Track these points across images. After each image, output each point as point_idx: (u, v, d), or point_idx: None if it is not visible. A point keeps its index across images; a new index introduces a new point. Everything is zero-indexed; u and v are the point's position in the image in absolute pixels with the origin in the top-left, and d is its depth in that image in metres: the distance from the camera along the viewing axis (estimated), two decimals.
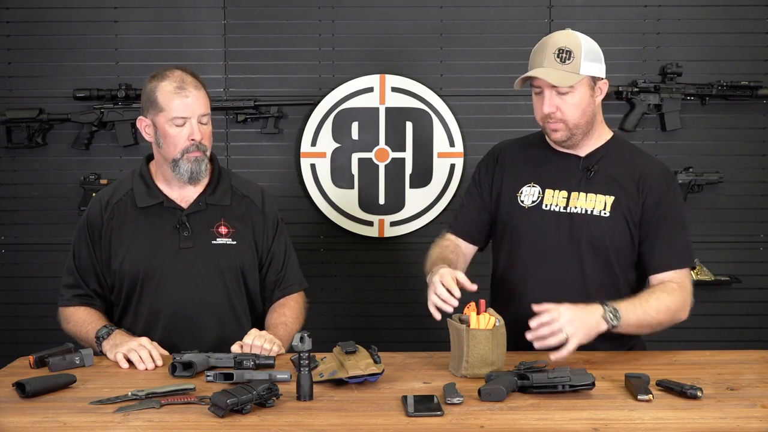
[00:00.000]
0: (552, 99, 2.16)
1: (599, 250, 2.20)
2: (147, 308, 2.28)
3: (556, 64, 2.14)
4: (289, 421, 1.68)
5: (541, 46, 2.19)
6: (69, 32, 3.44)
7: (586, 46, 2.17)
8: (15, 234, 3.50)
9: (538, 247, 2.24)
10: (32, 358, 2.05)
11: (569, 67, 2.14)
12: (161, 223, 2.30)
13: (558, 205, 2.23)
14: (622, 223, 2.20)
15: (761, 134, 3.49)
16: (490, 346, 1.93)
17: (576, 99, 2.16)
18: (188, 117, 2.22)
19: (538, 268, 2.23)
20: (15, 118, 3.39)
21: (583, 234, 2.20)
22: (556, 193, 2.24)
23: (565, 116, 2.17)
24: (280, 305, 2.37)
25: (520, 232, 2.26)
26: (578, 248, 2.20)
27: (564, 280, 2.20)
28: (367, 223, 3.51)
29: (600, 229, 2.19)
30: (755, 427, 1.65)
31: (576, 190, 2.23)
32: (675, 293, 2.16)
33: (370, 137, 3.47)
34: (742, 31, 3.45)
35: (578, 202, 2.22)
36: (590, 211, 2.21)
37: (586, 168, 2.24)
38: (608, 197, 2.20)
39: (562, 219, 2.22)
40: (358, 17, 3.47)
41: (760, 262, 3.52)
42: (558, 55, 2.14)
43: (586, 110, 2.19)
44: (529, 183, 2.28)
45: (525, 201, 2.27)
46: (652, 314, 2.11)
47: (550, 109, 2.17)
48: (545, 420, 1.68)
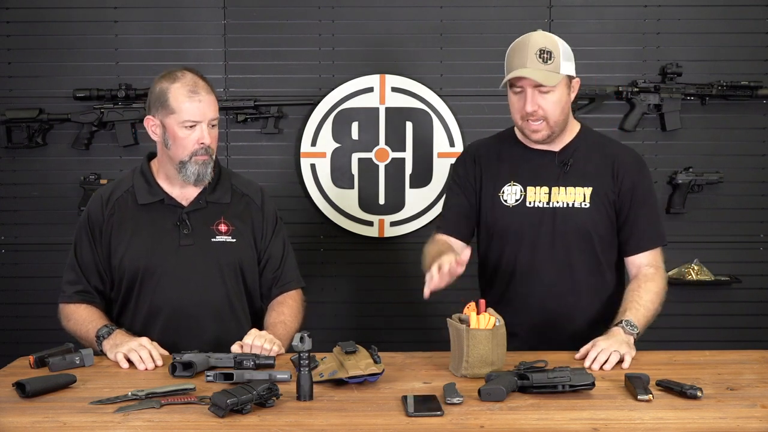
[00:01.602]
0: (534, 98, 2.22)
1: (584, 239, 2.31)
2: (146, 305, 2.29)
3: (539, 64, 2.20)
4: (289, 421, 1.68)
5: (520, 47, 2.24)
6: (69, 32, 3.44)
7: (562, 46, 2.24)
8: (15, 234, 3.50)
9: (525, 242, 2.32)
10: (32, 358, 2.06)
11: (551, 67, 2.20)
12: (161, 220, 2.30)
13: (541, 201, 2.32)
14: (602, 210, 2.31)
15: (761, 134, 3.49)
16: (490, 346, 1.94)
17: (556, 97, 2.23)
18: (200, 121, 2.23)
19: (526, 261, 2.33)
20: (15, 118, 3.39)
21: (567, 226, 2.30)
22: (538, 189, 2.32)
23: (547, 114, 2.24)
24: (279, 303, 2.38)
25: (507, 229, 2.34)
26: (565, 240, 2.31)
27: (552, 269, 2.32)
28: (367, 223, 3.51)
29: (583, 219, 2.30)
30: (755, 427, 1.65)
31: (556, 185, 2.32)
32: (656, 277, 2.31)
33: (370, 137, 3.47)
34: (742, 31, 3.45)
35: (559, 197, 2.31)
36: (572, 204, 2.31)
37: (562, 162, 2.33)
38: (586, 189, 2.31)
39: (546, 214, 2.31)
40: (358, 17, 3.47)
41: (760, 262, 3.52)
42: (540, 56, 2.20)
43: (564, 108, 2.27)
44: (509, 182, 2.35)
45: (508, 200, 2.34)
46: (650, 307, 2.24)
47: (533, 108, 2.22)
48: (545, 420, 1.68)
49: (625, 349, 2.07)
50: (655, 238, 2.35)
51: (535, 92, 2.22)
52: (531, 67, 2.19)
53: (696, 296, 3.48)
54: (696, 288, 3.46)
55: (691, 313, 3.48)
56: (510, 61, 2.26)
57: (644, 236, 2.33)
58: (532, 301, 2.33)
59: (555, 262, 2.31)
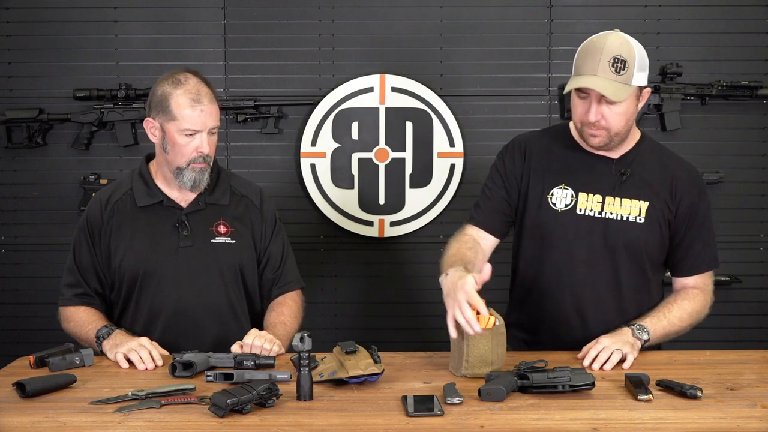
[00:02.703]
0: (599, 108, 2.09)
1: (634, 255, 2.19)
2: (146, 307, 2.29)
3: (611, 74, 2.05)
4: (289, 421, 1.68)
5: (593, 50, 2.08)
6: (69, 32, 3.44)
7: (638, 55, 2.08)
8: (15, 234, 3.50)
9: (572, 251, 2.20)
10: (32, 358, 2.05)
11: (623, 78, 2.05)
12: (160, 222, 2.30)
13: (593, 209, 2.19)
14: (657, 228, 2.19)
15: (761, 134, 3.49)
16: (490, 346, 1.93)
17: (622, 109, 2.09)
18: (200, 130, 2.22)
19: (571, 271, 2.21)
20: (15, 118, 3.39)
21: (619, 240, 2.18)
22: (590, 197, 2.19)
23: (609, 125, 2.11)
24: (278, 304, 2.38)
25: (553, 235, 2.21)
26: (613, 253, 2.19)
27: (597, 282, 2.20)
28: (367, 223, 3.51)
29: (636, 235, 2.18)
30: (755, 427, 1.65)
31: (611, 195, 2.19)
32: (696, 298, 2.22)
33: (370, 137, 3.47)
34: (742, 31, 3.45)
35: (613, 208, 2.18)
36: (626, 217, 2.18)
37: (619, 171, 2.20)
38: (643, 203, 2.18)
39: (597, 224, 2.19)
40: (358, 17, 3.47)
41: (760, 262, 3.52)
42: (613, 65, 2.05)
43: (630, 119, 2.14)
44: (560, 185, 2.21)
45: (557, 204, 2.21)
46: (676, 323, 2.17)
47: (597, 118, 2.09)
48: (545, 420, 1.68)
49: (627, 348, 2.02)
50: (708, 262, 2.24)
51: (601, 102, 2.08)
52: (602, 76, 2.04)
53: None
54: None
55: None
56: (580, 64, 2.10)
57: (699, 259, 2.23)
58: (573, 314, 2.21)
59: (602, 275, 2.19)
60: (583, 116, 2.12)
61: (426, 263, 3.37)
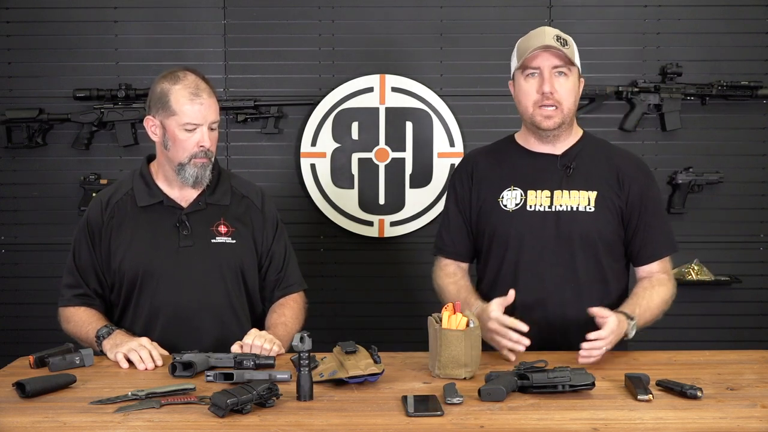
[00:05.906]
0: (551, 80, 2.19)
1: (588, 245, 2.24)
2: (146, 307, 2.28)
3: (559, 45, 2.19)
4: (289, 421, 1.68)
5: (536, 33, 2.24)
6: (69, 32, 3.44)
7: (574, 43, 2.25)
8: (15, 234, 3.50)
9: (527, 248, 2.25)
10: (32, 358, 2.05)
11: (568, 52, 2.20)
12: (161, 222, 2.30)
13: (542, 204, 2.25)
14: (608, 216, 2.24)
15: (761, 134, 3.50)
16: (462, 347, 1.92)
17: (571, 84, 2.22)
18: (200, 124, 2.22)
19: (527, 267, 2.25)
20: (15, 118, 3.39)
21: (572, 231, 2.23)
22: (539, 193, 2.26)
23: (561, 99, 2.20)
24: (280, 305, 2.37)
25: (508, 235, 2.26)
26: (569, 245, 2.23)
27: (555, 275, 2.23)
28: (367, 223, 3.51)
29: (588, 224, 2.23)
30: (755, 427, 1.65)
31: (558, 189, 2.25)
32: (667, 284, 2.28)
33: (370, 137, 3.47)
34: (742, 31, 3.45)
35: (562, 200, 2.24)
36: (575, 208, 2.24)
37: (564, 165, 2.27)
38: (591, 192, 2.25)
39: (548, 218, 2.24)
40: (358, 17, 3.47)
41: (760, 262, 3.52)
42: (558, 40, 2.20)
43: (576, 100, 2.25)
44: (509, 187, 2.28)
45: (508, 205, 2.27)
46: (654, 311, 2.22)
47: (550, 88, 2.19)
48: (545, 420, 1.68)
49: (613, 342, 2.05)
50: (669, 246, 2.30)
51: (552, 74, 2.20)
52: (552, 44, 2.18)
53: (696, 296, 3.48)
54: (696, 288, 3.46)
55: (691, 313, 3.47)
56: (526, 45, 2.23)
57: (658, 245, 2.28)
58: (534, 308, 2.22)
59: (558, 268, 2.23)
60: (536, 92, 2.21)
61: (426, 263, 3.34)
